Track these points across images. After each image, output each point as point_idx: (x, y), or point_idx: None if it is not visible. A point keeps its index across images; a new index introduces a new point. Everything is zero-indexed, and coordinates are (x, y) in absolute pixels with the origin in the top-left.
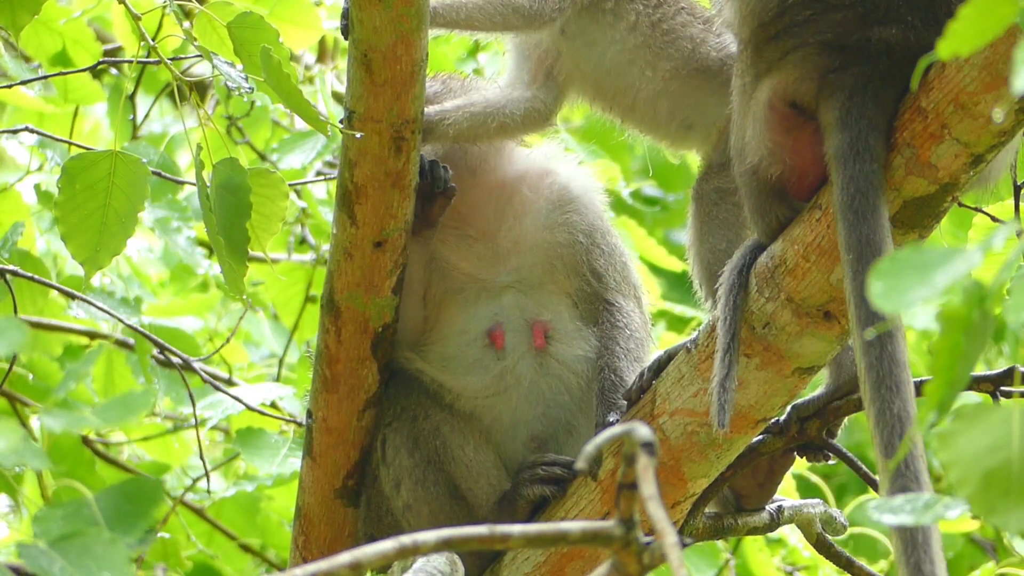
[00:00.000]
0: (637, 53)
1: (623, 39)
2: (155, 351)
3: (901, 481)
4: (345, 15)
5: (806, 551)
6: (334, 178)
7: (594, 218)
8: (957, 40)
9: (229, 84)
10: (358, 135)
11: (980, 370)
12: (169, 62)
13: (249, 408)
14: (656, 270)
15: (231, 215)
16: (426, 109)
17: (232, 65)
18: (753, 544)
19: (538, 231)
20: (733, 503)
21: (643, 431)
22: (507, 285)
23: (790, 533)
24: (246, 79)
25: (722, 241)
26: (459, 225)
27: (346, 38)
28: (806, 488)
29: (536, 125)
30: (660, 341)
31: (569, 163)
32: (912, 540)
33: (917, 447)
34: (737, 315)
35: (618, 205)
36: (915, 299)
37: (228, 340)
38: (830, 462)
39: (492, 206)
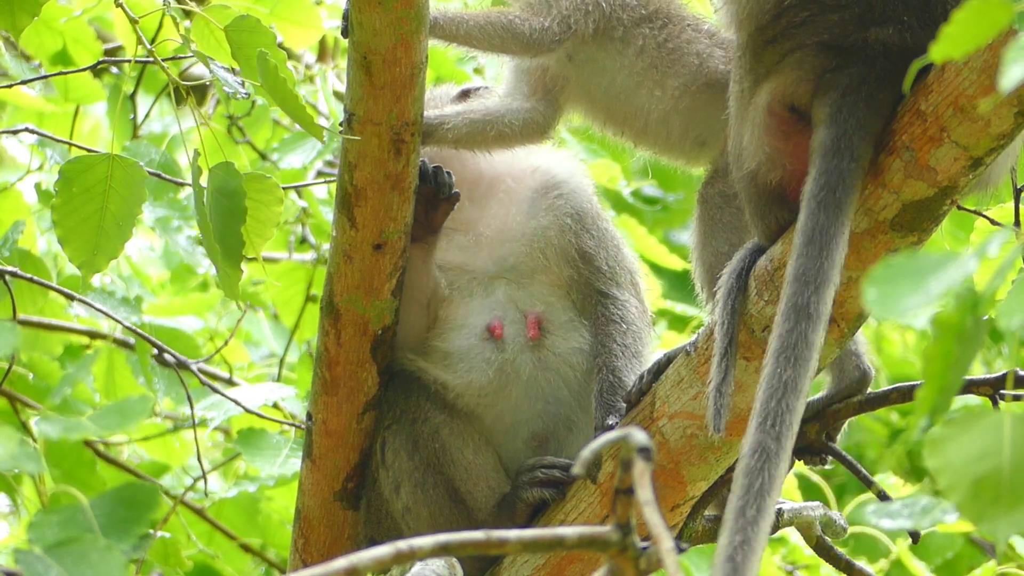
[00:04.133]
0: (645, 75)
1: (631, 64)
2: (154, 351)
3: (760, 436)
4: (345, 17)
5: (807, 549)
6: (334, 180)
7: (582, 201)
8: (950, 44)
9: (226, 89)
10: (357, 138)
11: (979, 372)
12: (168, 64)
13: (246, 411)
14: (657, 269)
15: (226, 219)
16: (426, 113)
17: (229, 69)
18: None
19: (524, 219)
20: None
21: (639, 436)
22: (498, 276)
23: (791, 531)
24: (243, 83)
25: (725, 244)
26: None
27: (346, 39)
28: (807, 487)
29: (534, 137)
30: (661, 340)
31: (554, 154)
32: (749, 486)
33: (793, 414)
34: (735, 319)
35: (619, 204)
36: (909, 305)
37: (227, 342)
38: (827, 466)
39: (468, 196)
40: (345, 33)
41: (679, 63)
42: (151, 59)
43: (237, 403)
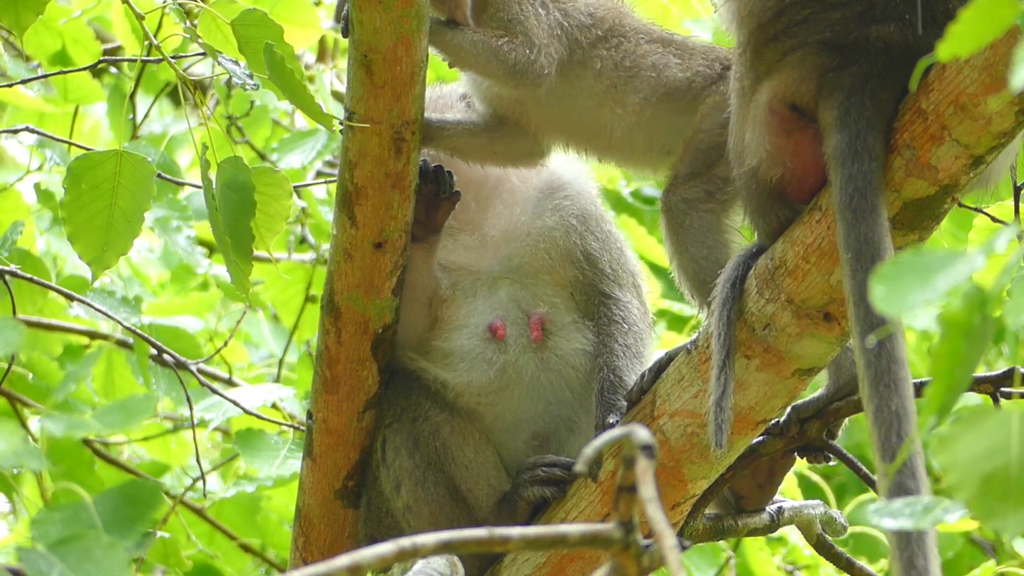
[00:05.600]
0: (606, 95)
1: (591, 86)
2: (153, 352)
3: (898, 478)
4: (345, 18)
5: (807, 550)
6: (334, 180)
7: (586, 203)
8: (957, 42)
9: (235, 80)
10: (363, 126)
11: (980, 371)
12: (172, 61)
13: (245, 412)
14: (656, 269)
15: (236, 214)
16: (428, 116)
17: (236, 62)
18: (754, 543)
19: (528, 219)
20: (733, 504)
21: (642, 433)
22: (501, 276)
23: (791, 532)
24: (251, 76)
25: (702, 249)
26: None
27: (346, 39)
28: (807, 487)
29: (527, 161)
30: (660, 341)
31: (559, 156)
32: (907, 535)
33: (915, 444)
34: (731, 330)
35: (618, 204)
36: (916, 302)
37: (226, 343)
38: (830, 463)
39: (474, 196)
40: (345, 33)
41: (637, 78)
42: (155, 58)
43: (236, 404)
